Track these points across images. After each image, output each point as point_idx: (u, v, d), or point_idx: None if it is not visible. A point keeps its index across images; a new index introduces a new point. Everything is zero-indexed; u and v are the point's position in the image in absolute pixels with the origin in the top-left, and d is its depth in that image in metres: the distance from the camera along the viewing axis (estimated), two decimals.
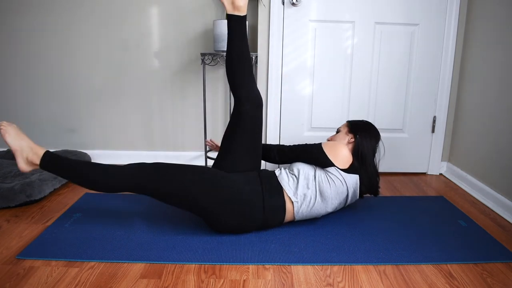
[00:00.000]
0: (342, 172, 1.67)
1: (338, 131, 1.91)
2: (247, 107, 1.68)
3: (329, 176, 1.66)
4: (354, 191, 1.72)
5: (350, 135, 1.83)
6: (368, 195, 1.85)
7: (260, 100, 1.71)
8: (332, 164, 1.68)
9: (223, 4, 1.66)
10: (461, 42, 2.34)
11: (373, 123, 1.93)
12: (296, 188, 1.66)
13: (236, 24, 1.67)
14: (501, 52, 2.01)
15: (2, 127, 1.59)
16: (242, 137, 1.70)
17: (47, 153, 1.61)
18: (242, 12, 1.66)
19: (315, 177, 1.67)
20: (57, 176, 1.68)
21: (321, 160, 1.70)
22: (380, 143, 1.85)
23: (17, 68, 2.48)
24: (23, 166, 1.59)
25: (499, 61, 2.02)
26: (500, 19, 2.02)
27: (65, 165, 1.60)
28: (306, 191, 1.65)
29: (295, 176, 1.69)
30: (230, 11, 1.66)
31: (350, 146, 1.80)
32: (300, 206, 1.65)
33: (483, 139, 2.14)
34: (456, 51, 2.35)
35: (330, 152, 1.70)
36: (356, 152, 1.76)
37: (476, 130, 2.21)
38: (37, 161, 1.59)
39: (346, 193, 1.70)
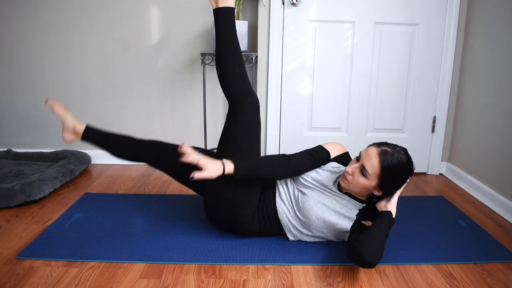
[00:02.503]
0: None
1: (364, 174, 1.43)
2: (245, 108, 1.55)
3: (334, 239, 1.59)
4: None
5: (378, 191, 1.47)
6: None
7: (257, 102, 1.57)
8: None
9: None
10: (461, 42, 2.34)
11: (412, 171, 1.48)
12: (299, 233, 1.58)
13: (225, 17, 1.52)
14: (501, 52, 2.01)
15: (50, 102, 1.82)
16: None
17: (87, 127, 1.81)
18: (231, 4, 1.53)
19: (323, 236, 1.57)
20: (95, 146, 1.83)
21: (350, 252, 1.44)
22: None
23: (17, 67, 2.48)
24: (67, 136, 1.81)
25: (499, 61, 2.02)
26: (500, 19, 2.02)
27: (100, 138, 1.81)
28: (308, 238, 1.59)
29: (302, 225, 1.56)
30: (224, 3, 1.52)
31: (372, 195, 1.52)
32: (295, 239, 1.62)
33: (483, 139, 2.14)
34: (456, 51, 2.35)
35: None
36: (369, 210, 1.53)
37: (476, 130, 2.21)
38: (80, 132, 1.80)
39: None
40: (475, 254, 1.55)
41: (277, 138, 2.45)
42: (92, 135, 1.80)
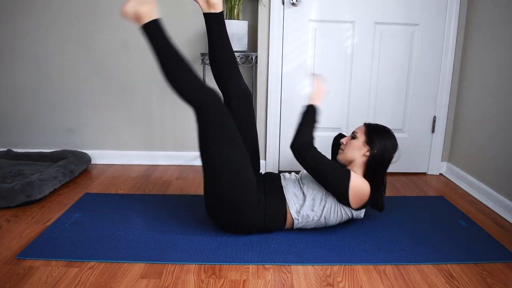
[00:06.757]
0: (353, 210, 1.64)
1: (354, 137, 1.70)
2: (236, 102, 1.71)
3: (338, 209, 1.62)
4: (358, 215, 1.69)
5: (367, 147, 1.66)
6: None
7: (248, 92, 1.73)
8: (348, 205, 1.61)
9: (197, 3, 1.63)
10: (461, 42, 2.34)
11: (392, 131, 1.73)
12: (301, 207, 1.61)
13: (213, 22, 1.64)
14: (501, 52, 2.01)
15: None
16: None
17: (158, 20, 1.53)
18: (218, 9, 1.62)
19: (324, 201, 1.61)
20: (151, 46, 1.54)
21: (341, 198, 1.59)
22: (397, 153, 1.70)
23: (17, 68, 2.48)
24: (131, 7, 1.50)
25: (499, 61, 2.02)
26: (500, 19, 2.02)
27: (161, 44, 1.53)
28: (310, 212, 1.61)
29: (303, 193, 1.64)
30: (206, 9, 1.63)
31: (365, 158, 1.66)
32: (300, 223, 1.64)
33: (483, 139, 2.14)
34: (456, 51, 2.35)
35: (353, 197, 1.57)
36: (369, 166, 1.65)
37: (476, 130, 2.21)
38: (145, 20, 1.52)
39: (350, 218, 1.68)
40: (475, 254, 1.55)
41: (277, 138, 2.45)
42: (157, 33, 1.53)
